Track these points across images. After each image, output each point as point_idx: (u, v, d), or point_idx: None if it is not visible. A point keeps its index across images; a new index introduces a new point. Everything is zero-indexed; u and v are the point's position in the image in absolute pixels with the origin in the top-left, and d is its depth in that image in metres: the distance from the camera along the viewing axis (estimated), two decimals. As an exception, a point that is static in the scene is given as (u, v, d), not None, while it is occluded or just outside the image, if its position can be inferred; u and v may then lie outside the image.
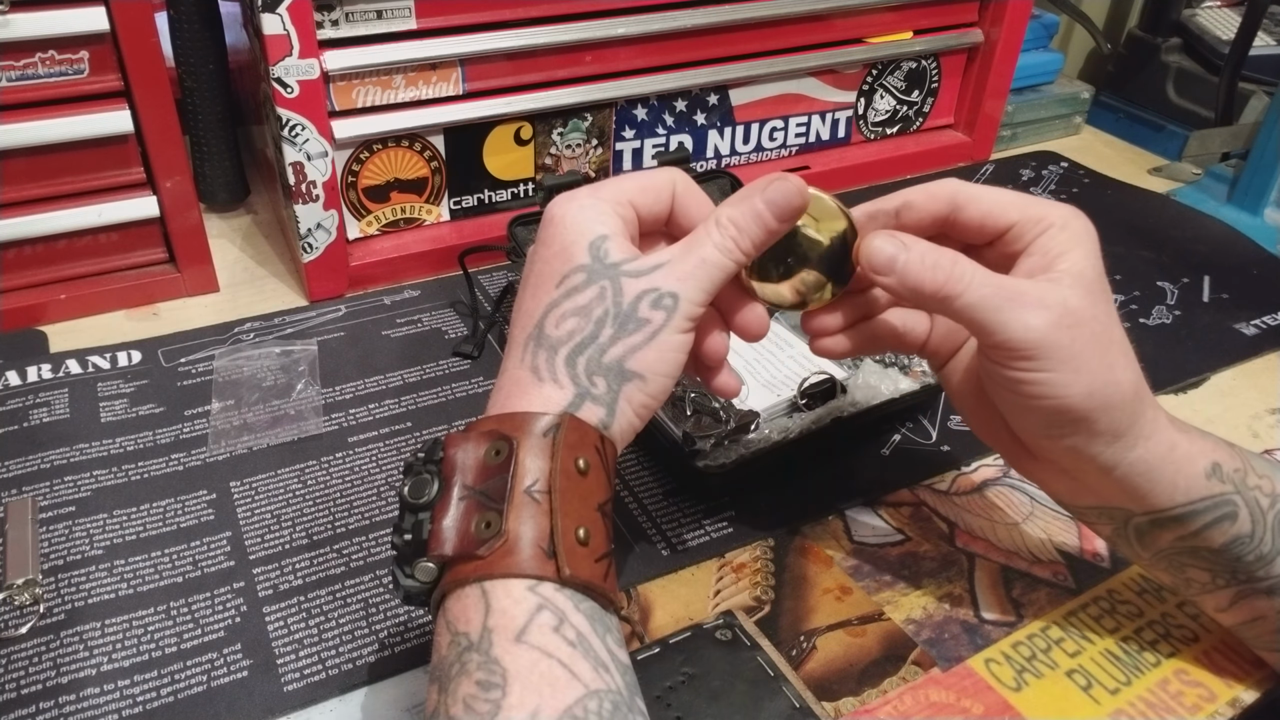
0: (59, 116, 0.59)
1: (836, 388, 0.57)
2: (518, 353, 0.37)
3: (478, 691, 0.30)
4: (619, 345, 0.36)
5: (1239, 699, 0.43)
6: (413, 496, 0.35)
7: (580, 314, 0.36)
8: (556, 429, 0.35)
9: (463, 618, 0.32)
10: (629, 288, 0.36)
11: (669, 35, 0.73)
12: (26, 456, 0.53)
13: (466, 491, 0.34)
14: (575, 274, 0.37)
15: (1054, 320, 0.36)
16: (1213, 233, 0.82)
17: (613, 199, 0.38)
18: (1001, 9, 0.85)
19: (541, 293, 0.37)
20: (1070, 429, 0.37)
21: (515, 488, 0.34)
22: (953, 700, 0.43)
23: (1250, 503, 0.39)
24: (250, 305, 0.68)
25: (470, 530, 0.33)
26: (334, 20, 0.62)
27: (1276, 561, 0.39)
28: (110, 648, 0.44)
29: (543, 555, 0.33)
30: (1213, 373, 0.66)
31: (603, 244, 0.37)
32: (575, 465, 0.34)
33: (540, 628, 0.32)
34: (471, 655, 0.31)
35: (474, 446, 0.35)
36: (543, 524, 0.33)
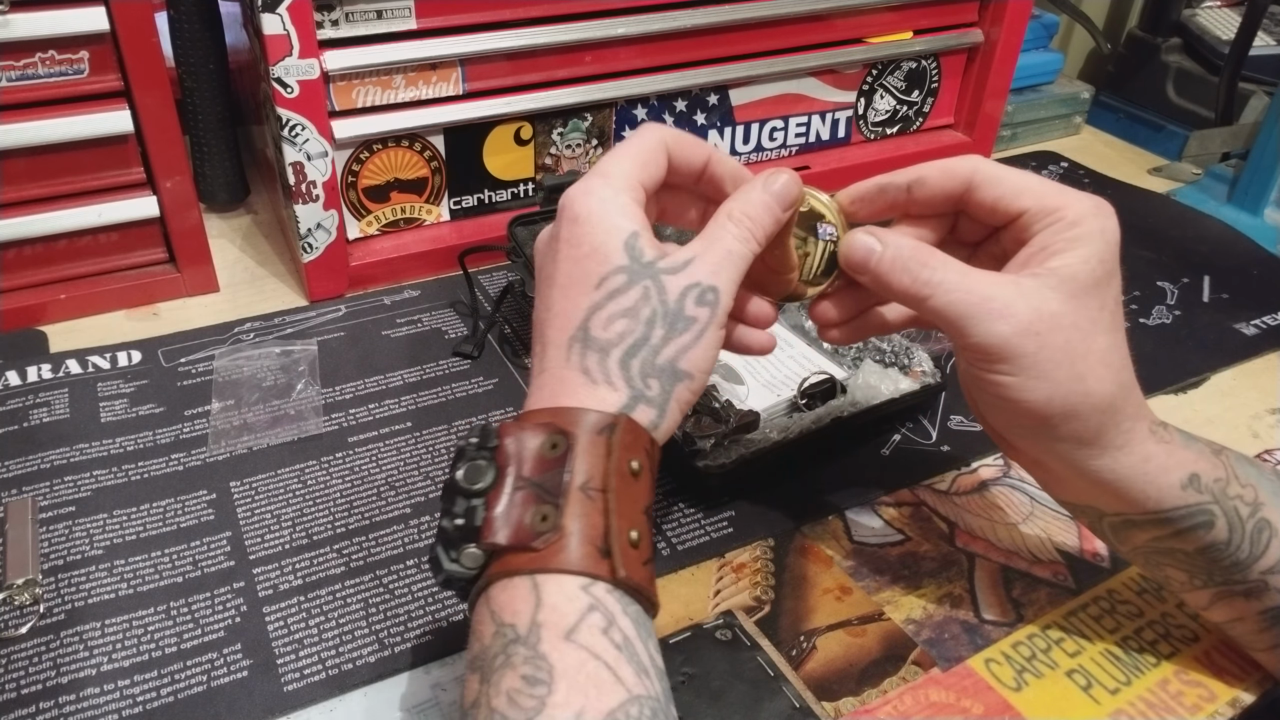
0: (59, 116, 0.59)
1: (836, 388, 0.57)
2: (560, 354, 0.37)
3: (523, 686, 0.30)
4: (671, 346, 0.36)
5: (1239, 699, 0.43)
6: (467, 482, 0.34)
7: (628, 315, 0.36)
8: (612, 429, 0.34)
9: (510, 609, 0.32)
10: (671, 285, 0.36)
11: (669, 35, 0.73)
12: (26, 456, 0.53)
13: (522, 482, 0.34)
14: (615, 275, 0.36)
15: (1019, 328, 0.36)
16: (1213, 233, 0.82)
17: (625, 185, 0.38)
18: (1001, 9, 0.85)
19: (578, 294, 0.37)
20: (1033, 430, 0.38)
21: (571, 483, 0.33)
22: (953, 700, 0.43)
23: (1229, 512, 0.39)
24: (250, 305, 0.68)
25: (525, 522, 0.33)
26: (334, 20, 0.62)
27: (1254, 567, 0.39)
28: (110, 648, 0.44)
29: (597, 554, 0.33)
30: (1213, 373, 0.66)
31: (635, 242, 0.37)
32: (629, 467, 0.34)
33: (590, 628, 0.31)
34: (518, 649, 0.31)
35: (530, 437, 0.34)
36: (597, 523, 0.33)
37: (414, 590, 0.47)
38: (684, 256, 0.37)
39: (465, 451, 0.35)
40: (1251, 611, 0.41)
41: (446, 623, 0.46)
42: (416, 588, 0.47)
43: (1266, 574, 0.39)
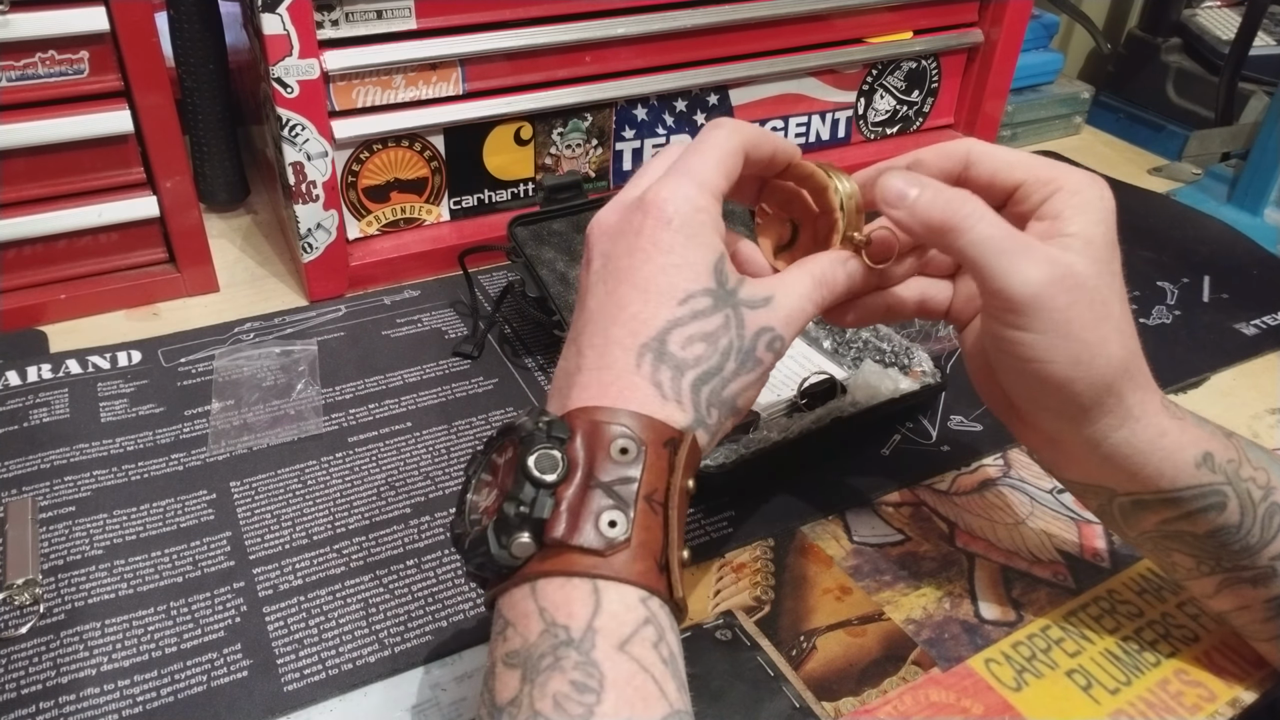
0: (59, 116, 0.59)
1: (836, 388, 0.57)
2: (629, 358, 0.35)
3: (571, 691, 0.30)
4: (738, 381, 0.37)
5: (1239, 699, 0.43)
6: (540, 470, 0.33)
7: (708, 341, 0.36)
8: (676, 445, 0.34)
9: (565, 610, 0.31)
10: (750, 322, 0.37)
11: (669, 35, 0.73)
12: (26, 456, 0.53)
13: (595, 481, 0.33)
14: (701, 297, 0.36)
15: (1053, 277, 0.35)
16: (1213, 233, 0.82)
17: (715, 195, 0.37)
18: (1001, 9, 0.85)
19: (659, 304, 0.36)
20: (1053, 397, 0.37)
21: (640, 492, 0.33)
22: (953, 700, 0.43)
23: (1242, 494, 0.39)
24: (250, 305, 0.68)
25: (596, 524, 0.32)
26: (334, 20, 0.62)
27: (1263, 553, 0.39)
28: (110, 648, 0.44)
29: (656, 568, 0.32)
30: (1213, 373, 0.66)
31: (723, 265, 0.37)
32: (687, 485, 0.34)
33: (643, 640, 0.31)
34: (569, 652, 0.30)
35: (605, 436, 0.33)
36: (657, 537, 0.33)
37: (414, 590, 0.47)
38: (763, 294, 0.38)
39: (534, 435, 0.33)
40: (1258, 599, 0.40)
41: (446, 623, 0.46)
42: (416, 588, 0.47)
43: (1276, 560, 0.39)
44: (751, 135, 0.39)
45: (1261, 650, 0.44)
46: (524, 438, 0.33)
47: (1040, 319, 0.35)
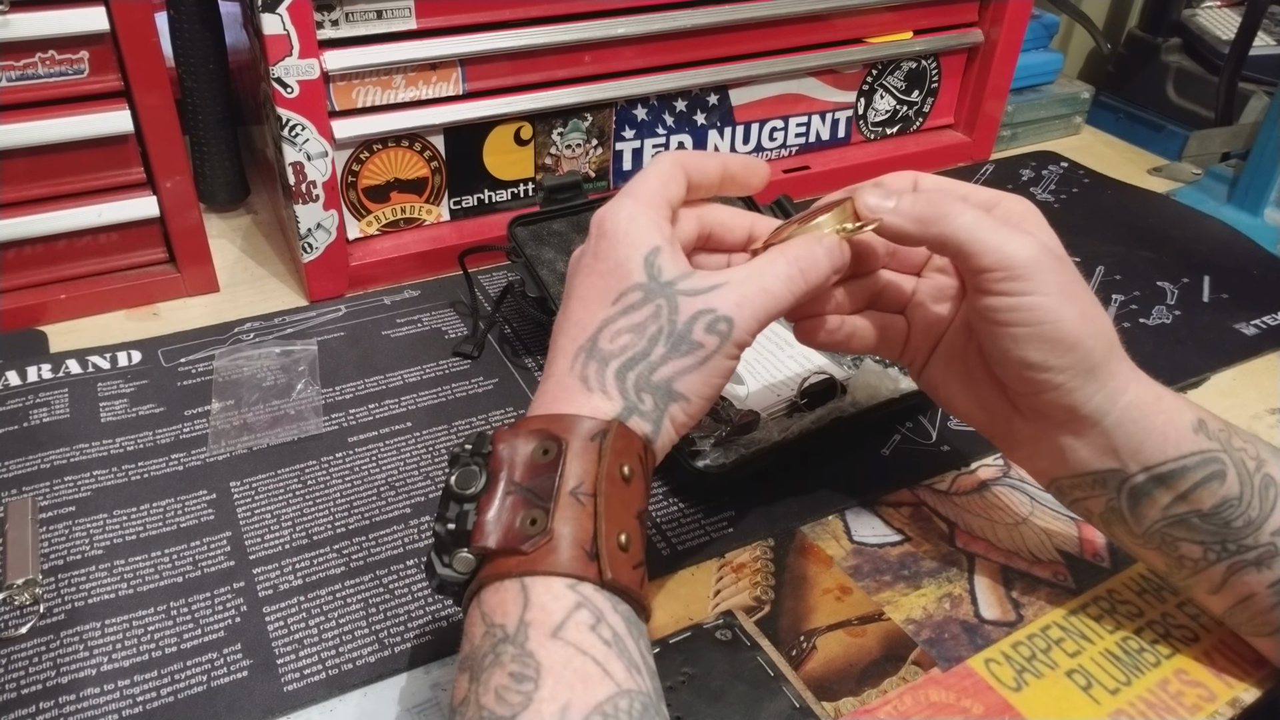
0: (59, 116, 0.59)
1: (836, 388, 0.57)
2: (566, 361, 0.38)
3: (510, 683, 0.31)
4: (669, 365, 0.37)
5: (1239, 699, 0.43)
6: (460, 487, 0.35)
7: (635, 330, 0.37)
8: (604, 435, 0.35)
9: (500, 610, 0.33)
10: (685, 306, 0.37)
11: (669, 35, 0.73)
12: (26, 456, 0.53)
13: (513, 487, 0.35)
14: (632, 292, 0.38)
15: (1041, 248, 0.38)
16: (1213, 233, 0.82)
17: (651, 202, 0.39)
18: (1001, 9, 0.85)
19: (596, 307, 0.38)
20: (1068, 357, 0.38)
21: (562, 488, 0.34)
22: (953, 700, 0.43)
23: (1237, 464, 0.40)
24: (250, 305, 0.68)
25: (515, 525, 0.34)
26: (334, 20, 0.62)
27: (1264, 528, 0.40)
28: (110, 648, 0.44)
29: (585, 556, 0.33)
30: (1213, 373, 0.66)
31: (656, 258, 0.38)
32: (620, 471, 0.35)
33: (577, 625, 0.32)
34: (506, 647, 0.32)
35: (523, 443, 0.35)
36: (586, 526, 0.34)
37: (414, 590, 0.47)
38: (712, 281, 0.38)
39: (460, 457, 0.36)
40: (1262, 585, 0.40)
41: (446, 623, 0.46)
42: (416, 588, 0.47)
43: (1276, 535, 0.40)
44: (683, 154, 0.42)
45: (1264, 647, 0.43)
46: (452, 460, 0.36)
47: (1043, 280, 0.37)
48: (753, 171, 0.44)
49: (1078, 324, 0.38)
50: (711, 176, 0.43)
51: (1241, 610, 0.42)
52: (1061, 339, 0.38)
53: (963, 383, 0.44)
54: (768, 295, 0.38)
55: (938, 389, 0.45)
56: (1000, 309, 0.38)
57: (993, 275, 0.38)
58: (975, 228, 0.38)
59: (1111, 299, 0.72)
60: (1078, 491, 0.43)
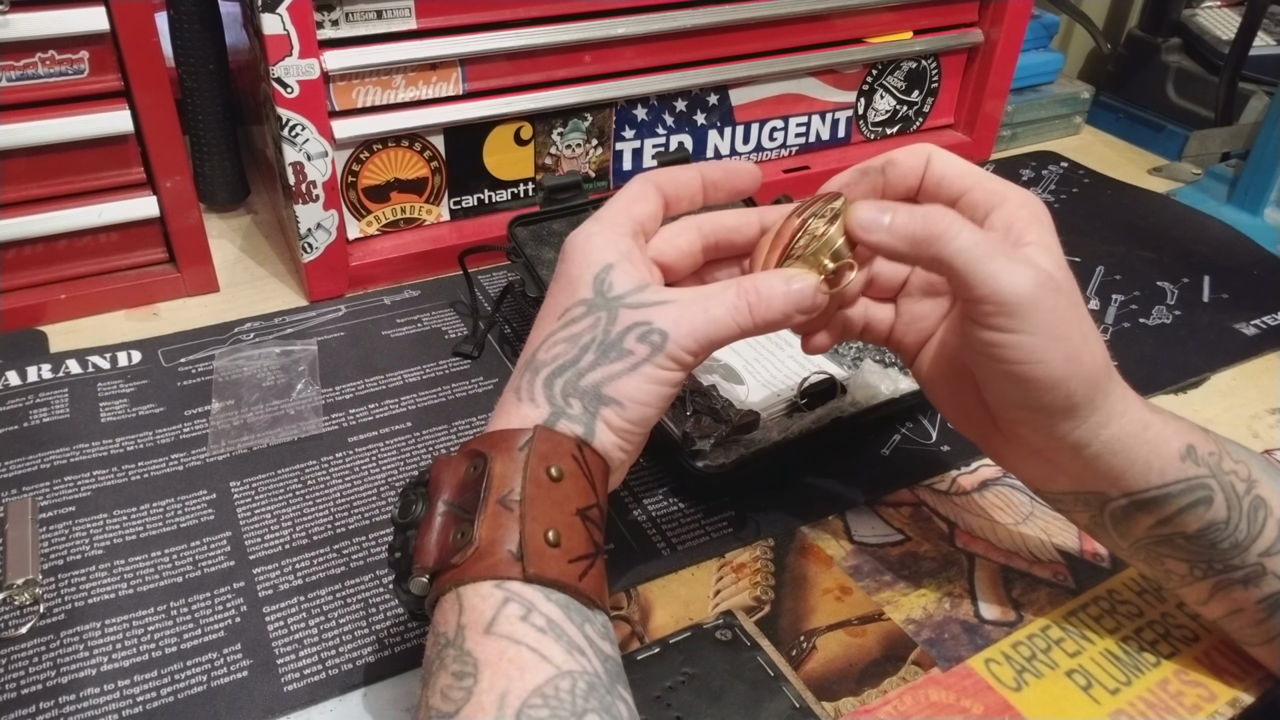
0: (59, 116, 0.59)
1: (836, 388, 0.57)
2: (513, 380, 0.39)
3: (453, 681, 0.32)
4: (597, 371, 0.37)
5: (1239, 699, 0.43)
6: (400, 516, 0.37)
7: (569, 341, 0.38)
8: (529, 441, 0.36)
9: (442, 620, 0.34)
10: (623, 318, 0.38)
11: (669, 35, 0.73)
12: (26, 456, 0.53)
13: (446, 507, 0.36)
14: (576, 307, 0.39)
15: (1040, 280, 0.35)
16: (1213, 233, 0.82)
17: (613, 222, 0.40)
18: (1001, 9, 0.85)
19: (545, 324, 0.39)
20: (1047, 398, 0.37)
21: (489, 498, 0.35)
22: (953, 700, 0.43)
23: (1226, 487, 0.39)
24: (250, 305, 0.68)
25: (448, 542, 0.35)
26: (334, 20, 0.62)
27: (1251, 549, 0.39)
28: (110, 648, 0.44)
29: (510, 558, 0.34)
30: (1213, 373, 0.66)
31: (607, 275, 0.38)
32: (546, 473, 0.36)
33: (507, 618, 0.33)
34: (448, 651, 0.33)
35: (455, 465, 0.37)
36: (512, 529, 0.34)
37: (414, 590, 0.47)
38: (659, 297, 0.38)
39: (406, 492, 0.38)
40: (1250, 601, 0.40)
41: (446, 623, 0.46)
42: (416, 588, 0.47)
43: (1263, 557, 0.39)
44: (656, 173, 0.43)
45: (1259, 655, 0.44)
46: (399, 494, 0.38)
47: (1031, 320, 0.35)
48: (736, 175, 0.44)
49: (1060, 366, 0.36)
50: (688, 187, 0.43)
51: (1232, 620, 0.43)
52: (1041, 380, 0.36)
53: (949, 386, 0.43)
54: (710, 320, 0.38)
55: (926, 386, 0.45)
56: (986, 343, 0.37)
57: (984, 308, 0.36)
58: (972, 253, 0.36)
59: (1111, 299, 0.72)
60: (1061, 505, 0.43)
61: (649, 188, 0.42)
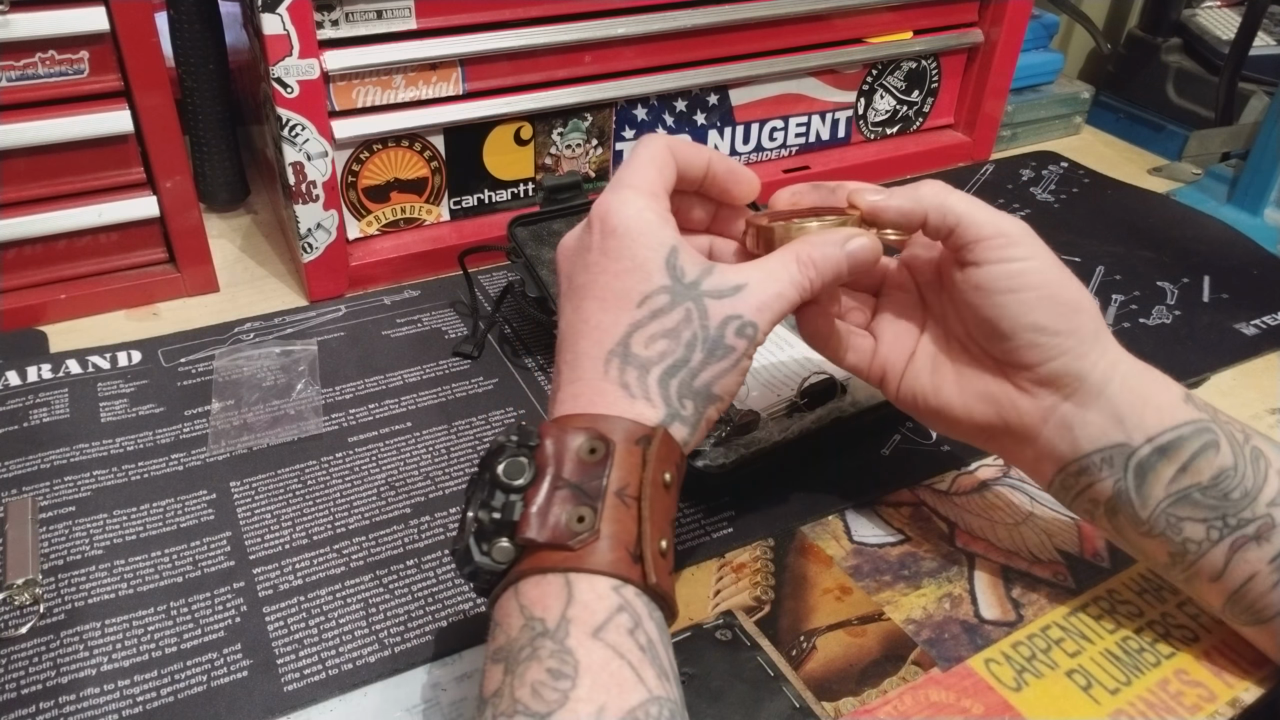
0: (59, 116, 0.59)
1: (836, 388, 0.57)
2: (597, 366, 0.37)
3: (547, 679, 0.31)
4: (708, 371, 0.38)
5: (1239, 699, 0.43)
6: (508, 476, 0.35)
7: (669, 336, 0.37)
8: (649, 441, 0.36)
9: (541, 604, 0.33)
10: (713, 311, 0.38)
11: (669, 35, 0.73)
12: (26, 456, 0.53)
13: (561, 482, 0.35)
14: (658, 295, 0.38)
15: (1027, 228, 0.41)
16: (1213, 233, 0.82)
17: (654, 194, 0.39)
18: (1001, 9, 0.85)
19: (618, 310, 0.38)
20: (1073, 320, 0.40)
21: (609, 488, 0.34)
22: (953, 700, 0.43)
23: (1228, 434, 0.41)
24: (250, 305, 0.68)
25: (562, 521, 0.34)
26: (334, 20, 0.62)
27: (1260, 499, 0.40)
28: (110, 648, 0.44)
29: (629, 558, 0.33)
30: (1213, 373, 0.66)
31: (675, 259, 0.38)
32: (662, 478, 0.36)
33: (617, 627, 0.32)
34: (545, 642, 0.32)
35: (571, 439, 0.35)
36: (630, 528, 0.34)
37: (414, 590, 0.47)
38: (733, 281, 0.38)
39: (505, 448, 0.36)
40: (1263, 560, 0.40)
41: (446, 623, 0.46)
42: (416, 588, 0.47)
43: (1272, 507, 0.40)
44: (673, 140, 0.42)
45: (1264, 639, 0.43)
46: (496, 450, 0.36)
47: (1033, 246, 0.40)
48: (738, 180, 0.44)
49: (1076, 289, 0.40)
50: (696, 169, 0.43)
51: (1243, 596, 0.42)
52: (1067, 301, 0.40)
53: (956, 381, 0.44)
54: (784, 302, 0.39)
55: (927, 398, 0.45)
56: (1005, 275, 0.40)
57: (994, 242, 0.40)
58: (969, 204, 0.40)
59: (1111, 299, 0.72)
60: (1085, 478, 0.42)
61: (670, 156, 0.41)
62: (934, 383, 0.44)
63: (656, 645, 0.33)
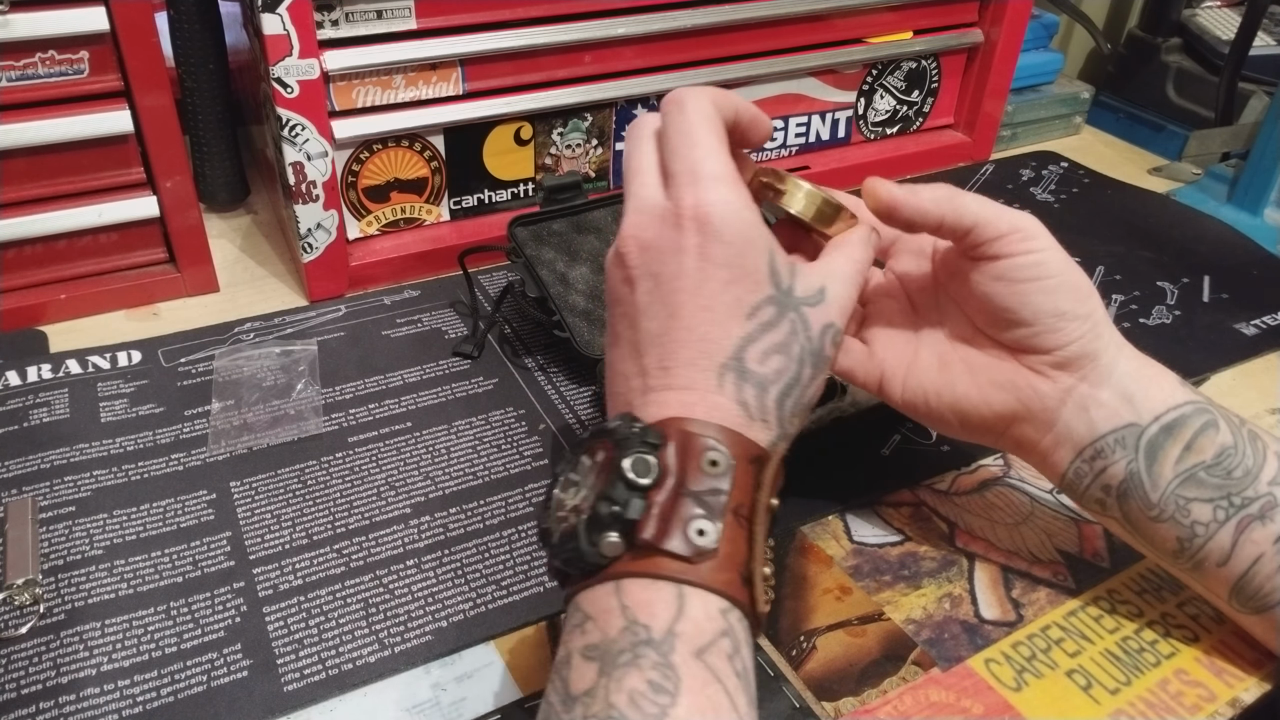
0: (59, 116, 0.59)
1: (836, 388, 0.57)
2: (709, 379, 0.36)
3: (648, 690, 0.30)
4: (814, 385, 0.38)
5: (1239, 699, 0.43)
6: (635, 473, 0.33)
7: (782, 351, 0.37)
8: (762, 462, 0.35)
9: (647, 610, 0.32)
10: (813, 320, 0.38)
11: (669, 35, 0.73)
12: (26, 456, 0.53)
13: (684, 489, 0.34)
14: (766, 306, 0.37)
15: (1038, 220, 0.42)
16: (1213, 233, 0.82)
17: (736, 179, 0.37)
18: (1001, 9, 0.85)
19: (729, 322, 0.36)
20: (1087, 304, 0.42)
21: (728, 505, 0.34)
22: (953, 700, 0.43)
23: (1223, 415, 0.42)
24: (250, 305, 0.68)
25: (685, 531, 0.33)
26: (334, 20, 0.62)
27: (1261, 477, 0.41)
28: (110, 648, 0.44)
29: (739, 581, 0.33)
30: (1213, 373, 0.66)
31: (775, 263, 0.38)
32: (770, 504, 0.35)
33: (719, 651, 0.32)
34: (648, 651, 0.31)
35: (695, 447, 0.34)
36: (742, 550, 0.34)
37: (414, 590, 0.47)
38: (815, 285, 0.39)
39: (630, 440, 0.34)
40: (1269, 540, 0.41)
41: (446, 623, 0.46)
42: (416, 588, 0.47)
43: (1273, 485, 0.41)
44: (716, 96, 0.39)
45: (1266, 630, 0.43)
46: (619, 441, 0.34)
47: (1047, 240, 0.41)
48: (759, 127, 0.42)
49: (1083, 275, 0.42)
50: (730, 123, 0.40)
51: (1250, 581, 0.42)
52: (1081, 286, 0.42)
53: (970, 374, 0.44)
54: (850, 301, 0.40)
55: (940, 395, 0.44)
56: (1028, 265, 0.41)
57: (1013, 237, 0.41)
58: (982, 204, 0.41)
59: (1111, 299, 0.72)
60: (1100, 461, 0.42)
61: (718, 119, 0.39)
62: (945, 379, 0.44)
63: (749, 674, 0.33)
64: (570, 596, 0.35)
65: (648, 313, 0.37)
